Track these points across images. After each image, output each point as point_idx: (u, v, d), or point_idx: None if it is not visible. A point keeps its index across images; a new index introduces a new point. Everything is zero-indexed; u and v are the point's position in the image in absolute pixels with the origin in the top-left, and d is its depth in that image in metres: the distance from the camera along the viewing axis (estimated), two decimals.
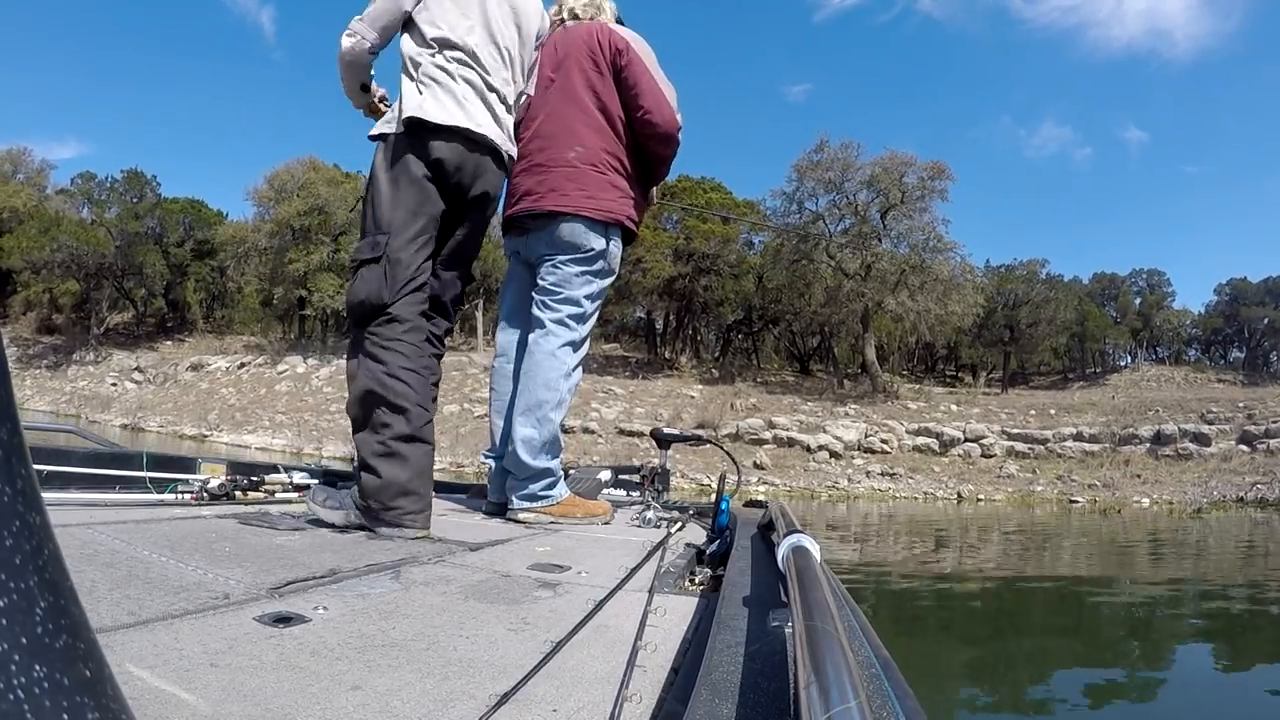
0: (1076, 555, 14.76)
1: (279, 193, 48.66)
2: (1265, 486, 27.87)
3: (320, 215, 47.02)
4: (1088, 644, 7.76)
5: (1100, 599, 9.99)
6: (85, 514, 2.49)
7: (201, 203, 59.56)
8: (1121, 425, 33.75)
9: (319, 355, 45.70)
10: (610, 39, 3.79)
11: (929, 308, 39.53)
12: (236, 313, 59.74)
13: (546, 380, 3.60)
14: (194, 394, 43.48)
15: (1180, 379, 51.28)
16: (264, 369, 44.93)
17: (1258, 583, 11.80)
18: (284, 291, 49.06)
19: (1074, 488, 29.73)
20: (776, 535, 1.84)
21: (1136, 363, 59.84)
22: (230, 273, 53.47)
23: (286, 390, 41.27)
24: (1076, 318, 52.21)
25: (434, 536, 2.75)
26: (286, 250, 47.43)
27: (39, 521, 0.36)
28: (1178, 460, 31.76)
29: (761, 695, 0.93)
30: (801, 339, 52.01)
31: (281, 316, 54.56)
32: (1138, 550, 15.67)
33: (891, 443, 32.69)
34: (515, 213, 3.83)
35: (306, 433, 33.96)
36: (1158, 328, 60.20)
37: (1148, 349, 62.03)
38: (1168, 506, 27.05)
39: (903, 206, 41.14)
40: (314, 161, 50.73)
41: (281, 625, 1.37)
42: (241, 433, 35.94)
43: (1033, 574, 12.17)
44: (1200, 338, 62.67)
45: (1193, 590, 10.96)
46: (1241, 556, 15.10)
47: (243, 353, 48.43)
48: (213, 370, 46.33)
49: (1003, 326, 50.29)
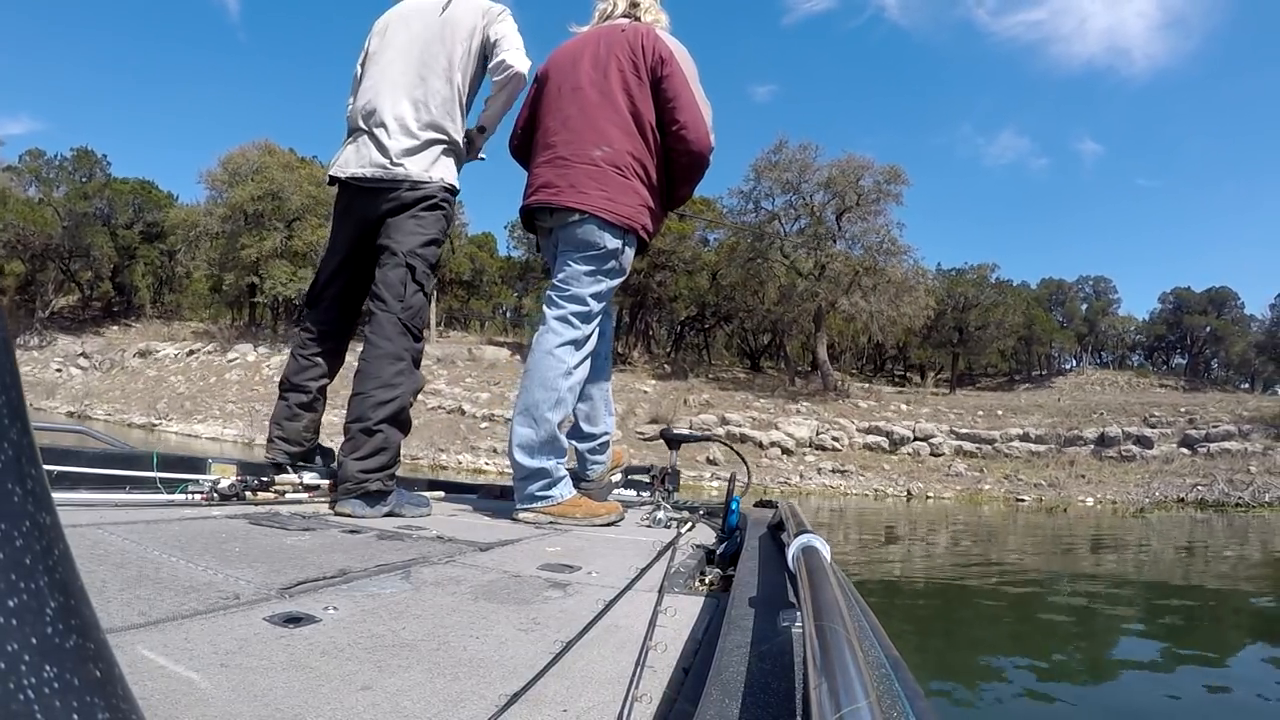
0: (1023, 552, 14.98)
1: (233, 176, 47.41)
2: (1205, 488, 28.71)
3: (274, 200, 45.92)
4: (1031, 639, 7.89)
5: (1045, 594, 10.14)
6: (95, 514, 2.48)
7: (152, 184, 58.03)
8: (1067, 427, 34.30)
9: (270, 343, 44.93)
10: (656, 46, 3.67)
11: (881, 309, 39.83)
12: (185, 298, 58.25)
13: (544, 379, 3.53)
14: (142, 381, 42.66)
15: (1124, 383, 52.24)
16: (214, 357, 44.09)
17: (1197, 580, 12.07)
18: (235, 278, 47.83)
19: (1020, 487, 30.17)
20: (787, 535, 1.85)
21: (1081, 366, 60.91)
22: (180, 257, 52.15)
23: (237, 379, 40.63)
24: (1024, 321, 52.84)
25: (441, 534, 2.77)
26: (239, 235, 46.28)
27: (49, 522, 0.36)
28: (1121, 462, 32.38)
29: (772, 695, 0.93)
30: (754, 336, 52.22)
31: (232, 303, 53.21)
32: (1081, 548, 15.87)
33: (843, 440, 32.91)
34: (532, 203, 3.75)
35: (258, 423, 33.08)
36: (1103, 333, 61.26)
37: (1093, 353, 63.07)
38: (1111, 506, 27.60)
39: (858, 209, 41.39)
40: (269, 145, 49.49)
41: (292, 625, 1.37)
42: (191, 422, 35.37)
43: (979, 569, 12.34)
44: (1144, 344, 63.88)
45: (1136, 587, 11.17)
46: (1182, 554, 15.40)
47: (191, 339, 47.41)
48: (161, 357, 45.40)
49: (952, 328, 50.78)
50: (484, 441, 30.12)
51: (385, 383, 3.51)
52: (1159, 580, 11.85)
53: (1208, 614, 9.32)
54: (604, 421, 4.09)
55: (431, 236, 3.74)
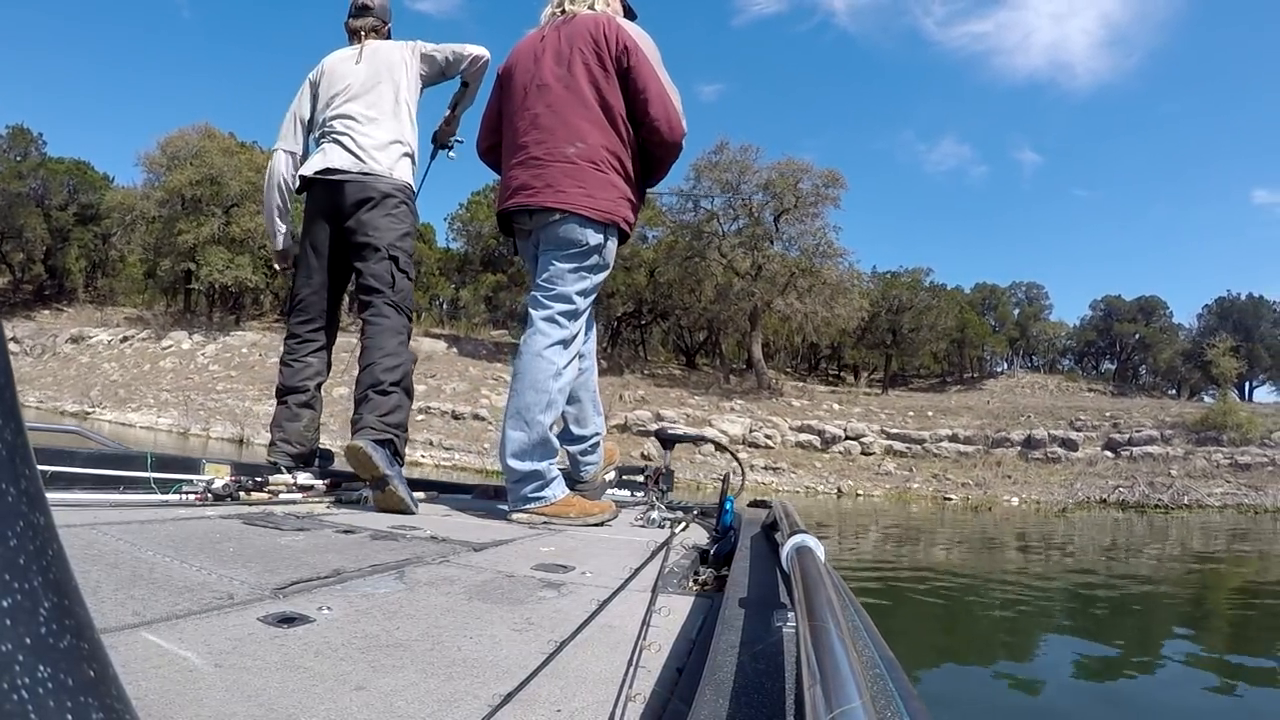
0: (950, 549, 15.16)
1: (171, 160, 45.76)
2: (1126, 490, 29.65)
3: (213, 186, 44.57)
4: (958, 634, 7.95)
5: (971, 590, 10.24)
6: (89, 514, 2.46)
7: (88, 165, 56.50)
8: (995, 429, 34.89)
9: (205, 331, 43.91)
10: (618, 35, 3.58)
11: (816, 310, 40.22)
12: (119, 283, 56.19)
13: (534, 381, 3.49)
14: (74, 368, 41.33)
15: (1053, 387, 53.08)
16: (148, 344, 42.94)
17: (1119, 576, 12.26)
18: (171, 263, 46.18)
19: (948, 486, 30.70)
20: (780, 535, 1.84)
21: (1012, 370, 61.74)
22: (115, 241, 50.39)
23: (171, 367, 39.71)
24: (957, 325, 53.43)
25: (434, 534, 2.76)
26: (176, 220, 44.84)
27: (43, 522, 0.36)
28: (1046, 463, 33.02)
29: (766, 695, 0.93)
30: (690, 333, 52.27)
31: (167, 289, 51.45)
32: (1007, 545, 16.15)
33: (775, 438, 33.09)
34: (508, 207, 3.70)
35: (193, 412, 32.88)
36: (1034, 337, 62.13)
37: (1024, 357, 63.97)
38: (1035, 505, 28.32)
39: (796, 211, 41.68)
40: (209, 129, 47.88)
41: (286, 625, 1.36)
42: (125, 410, 34.37)
43: (908, 565, 12.44)
44: (1074, 349, 64.92)
45: (1060, 583, 11.32)
46: (1104, 552, 15.68)
47: (125, 325, 46.06)
48: (94, 343, 44.09)
49: (886, 330, 51.21)
50: (420, 434, 29.58)
51: (390, 352, 3.86)
52: (1085, 578, 11.98)
53: (1128, 611, 9.42)
54: (594, 422, 4.04)
55: (406, 230, 4.11)
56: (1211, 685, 6.21)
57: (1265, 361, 55.54)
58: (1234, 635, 8.36)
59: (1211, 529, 21.79)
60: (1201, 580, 12.69)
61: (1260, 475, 30.82)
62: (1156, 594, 10.79)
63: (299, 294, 4.26)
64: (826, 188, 41.84)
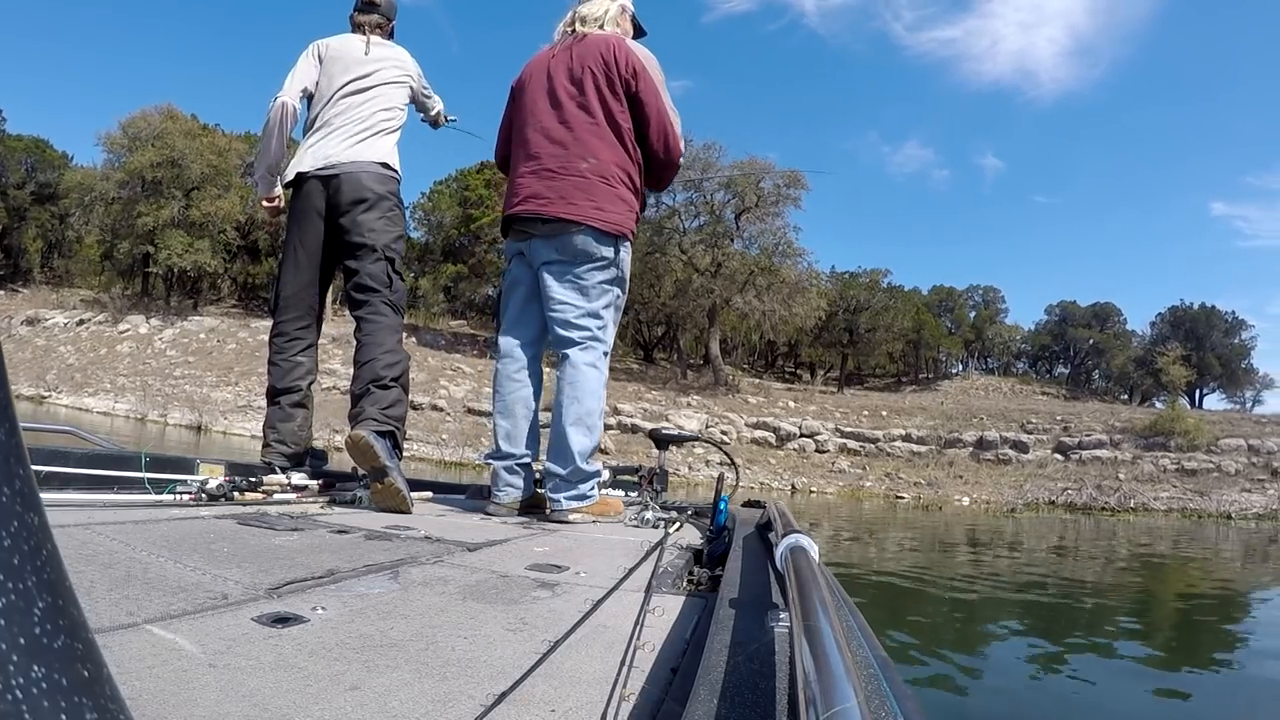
0: (901, 546, 15.24)
1: (132, 140, 44.48)
2: (1075, 492, 30.07)
3: (174, 168, 43.48)
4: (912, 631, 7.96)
5: (922, 587, 10.27)
6: (84, 514, 2.46)
7: (46, 143, 55.00)
8: (948, 430, 35.25)
9: (163, 316, 43.16)
10: (628, 59, 3.75)
11: (774, 308, 40.47)
12: (76, 264, 55.04)
13: (592, 390, 3.66)
14: (30, 350, 40.00)
15: (1007, 389, 53.67)
16: (104, 327, 42.01)
17: (1068, 575, 12.35)
18: (130, 246, 45.13)
19: (900, 485, 30.98)
20: (774, 535, 1.86)
21: (967, 371, 62.36)
22: (73, 221, 49.18)
23: (128, 351, 38.90)
24: (913, 326, 53.85)
25: (429, 534, 2.77)
26: (136, 202, 43.80)
27: (37, 522, 0.36)
28: (998, 464, 33.44)
29: (760, 695, 0.93)
30: (648, 328, 52.27)
31: (124, 272, 49.96)
32: (959, 544, 16.25)
33: (731, 434, 33.09)
34: (518, 212, 3.78)
35: (151, 398, 32.22)
36: (989, 340, 62.68)
37: (979, 359, 64.57)
38: (985, 505, 28.59)
39: (757, 210, 41.91)
40: (172, 110, 46.51)
41: (280, 626, 1.35)
42: (82, 395, 33.45)
43: (860, 562, 12.48)
44: (1029, 352, 65.58)
45: (1008, 581, 11.37)
46: (1052, 552, 15.82)
47: (82, 308, 44.94)
48: (50, 326, 42.97)
49: (843, 330, 51.53)
50: None
51: (390, 349, 3.99)
52: (1031, 576, 12.06)
53: (1072, 609, 9.46)
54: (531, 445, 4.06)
55: (400, 232, 4.22)
56: (1153, 683, 6.23)
57: (1215, 370, 56.37)
58: (1173, 635, 8.41)
59: (1156, 532, 22.02)
60: (1144, 583, 12.81)
61: (1206, 481, 31.30)
62: (1102, 593, 10.86)
63: (286, 290, 4.27)
64: (788, 188, 42.05)
